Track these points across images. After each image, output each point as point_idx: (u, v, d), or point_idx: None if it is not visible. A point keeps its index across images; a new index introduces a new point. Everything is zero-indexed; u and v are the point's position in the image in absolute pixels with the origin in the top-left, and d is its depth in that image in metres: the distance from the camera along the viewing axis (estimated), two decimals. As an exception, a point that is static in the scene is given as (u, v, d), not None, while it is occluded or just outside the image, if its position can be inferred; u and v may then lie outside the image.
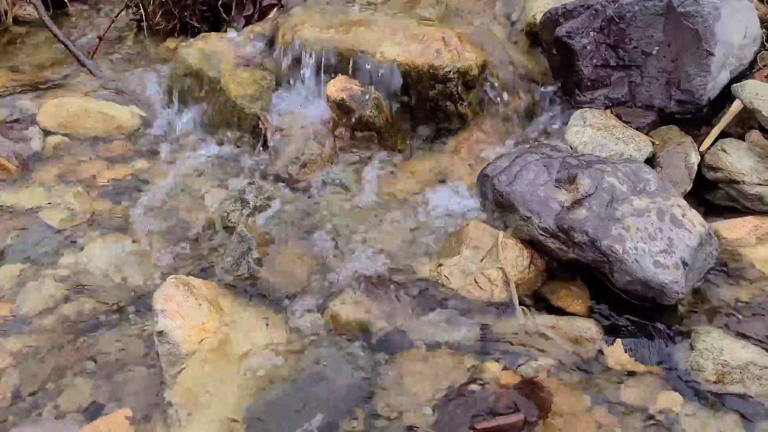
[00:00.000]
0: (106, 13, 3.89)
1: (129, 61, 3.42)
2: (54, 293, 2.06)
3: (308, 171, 2.47)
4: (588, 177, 1.99)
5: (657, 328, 1.88)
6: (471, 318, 1.92)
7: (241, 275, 2.08)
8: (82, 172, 2.60)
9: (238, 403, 1.71)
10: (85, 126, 2.81)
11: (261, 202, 2.32)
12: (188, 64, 2.85)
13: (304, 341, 1.88)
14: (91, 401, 1.75)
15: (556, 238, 1.97)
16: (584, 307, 1.95)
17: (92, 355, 1.87)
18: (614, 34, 2.40)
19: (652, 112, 2.41)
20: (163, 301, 1.84)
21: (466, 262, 2.03)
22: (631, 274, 1.84)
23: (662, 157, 2.27)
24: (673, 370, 1.78)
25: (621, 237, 1.87)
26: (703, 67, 2.29)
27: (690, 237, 1.89)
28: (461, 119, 2.60)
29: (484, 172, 2.21)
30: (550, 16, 2.55)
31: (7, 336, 1.91)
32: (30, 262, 2.17)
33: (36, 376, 1.81)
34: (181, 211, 2.41)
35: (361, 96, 2.48)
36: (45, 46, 3.59)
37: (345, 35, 2.65)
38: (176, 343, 1.79)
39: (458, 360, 1.80)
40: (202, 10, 3.44)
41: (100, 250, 2.22)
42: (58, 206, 2.40)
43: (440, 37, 2.54)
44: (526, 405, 1.67)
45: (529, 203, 2.02)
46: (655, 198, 1.96)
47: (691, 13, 2.26)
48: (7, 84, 3.18)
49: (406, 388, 1.73)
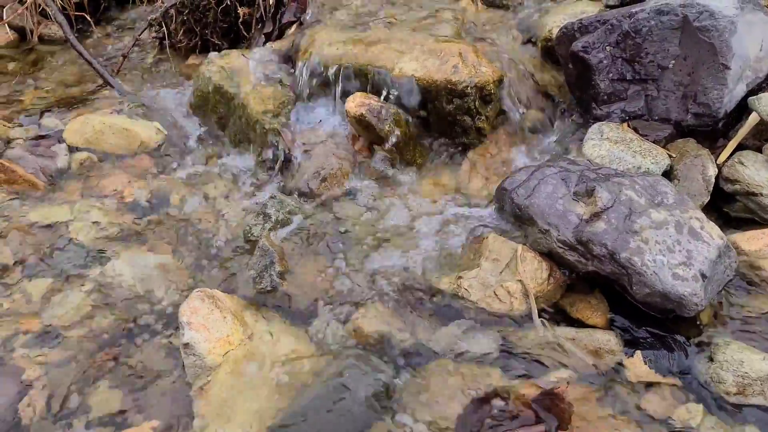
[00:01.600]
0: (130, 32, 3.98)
1: (152, 78, 3.49)
2: (82, 307, 2.11)
3: (328, 185, 2.51)
4: (606, 190, 2.02)
5: (676, 340, 1.89)
6: (491, 330, 1.94)
7: (264, 288, 2.12)
8: (107, 187, 2.66)
9: (262, 415, 1.74)
10: (109, 142, 2.87)
11: (282, 216, 2.36)
12: (210, 80, 2.91)
13: (326, 353, 1.91)
14: (118, 413, 1.79)
15: (575, 251, 1.99)
16: (603, 319, 1.97)
17: (119, 367, 1.91)
18: (630, 48, 2.43)
19: (668, 125, 2.43)
20: (188, 313, 1.89)
21: (486, 274, 2.05)
22: (650, 286, 1.85)
23: (679, 170, 2.28)
24: (693, 382, 1.79)
25: (640, 249, 1.88)
26: (719, 81, 2.31)
27: (709, 249, 1.91)
28: (479, 133, 2.63)
29: (502, 186, 2.24)
30: (567, 31, 2.57)
31: (37, 348, 1.96)
32: (58, 276, 2.22)
33: (65, 387, 1.85)
34: (204, 225, 2.45)
35: (380, 111, 2.52)
36: (70, 64, 3.67)
37: (363, 51, 2.69)
38: (202, 355, 1.83)
39: (479, 372, 1.82)
40: (223, 27, 3.50)
41: (125, 264, 2.26)
42: (85, 221, 2.45)
43: (457, 52, 2.57)
44: (546, 417, 1.69)
45: (548, 216, 2.04)
46: (674, 211, 1.98)
47: (707, 27, 2.28)
48: (33, 101, 3.26)
49: (427, 400, 1.76)
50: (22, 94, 3.36)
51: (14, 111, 3.15)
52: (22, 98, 3.32)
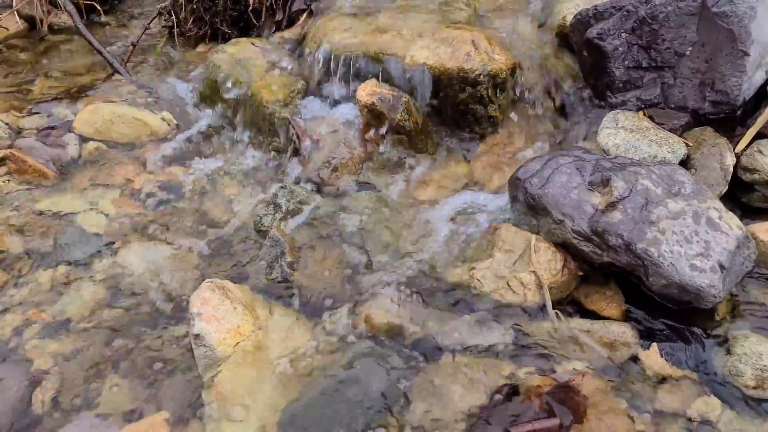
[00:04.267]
0: (140, 21, 3.96)
1: (161, 67, 3.47)
2: (92, 297, 2.10)
3: (339, 175, 2.49)
4: (622, 180, 1.98)
5: (693, 333, 1.86)
6: (504, 322, 1.91)
7: (274, 279, 2.10)
8: (117, 177, 2.65)
9: (273, 406, 1.73)
10: (119, 132, 2.86)
11: (293, 206, 2.34)
12: (220, 69, 2.89)
13: (337, 344, 1.89)
14: (129, 403, 1.78)
15: (590, 242, 1.96)
16: (619, 311, 1.93)
17: (130, 357, 1.90)
18: (646, 35, 2.38)
19: (685, 113, 2.38)
20: (199, 304, 1.88)
21: (499, 265, 2.03)
22: (666, 277, 1.82)
23: (697, 159, 2.24)
24: (711, 375, 1.76)
25: (656, 240, 1.85)
26: (738, 68, 2.26)
27: (727, 240, 1.87)
28: (491, 122, 2.59)
29: (516, 175, 2.21)
30: (581, 18, 2.53)
31: (48, 339, 1.95)
32: (69, 265, 2.22)
33: (76, 378, 1.85)
34: (215, 215, 2.44)
35: (392, 100, 2.49)
36: (79, 54, 3.66)
37: (374, 39, 2.66)
38: (212, 346, 1.82)
39: (492, 363, 1.79)
40: (233, 16, 3.48)
41: (136, 254, 2.26)
42: (95, 211, 2.45)
43: (470, 40, 2.53)
44: (560, 409, 1.66)
45: (562, 206, 2.01)
46: (691, 201, 1.94)
47: (726, 12, 2.23)
48: (44, 91, 3.25)
49: (440, 392, 1.74)
50: (32, 83, 3.35)
51: (25, 100, 3.14)
52: (32, 88, 3.31)
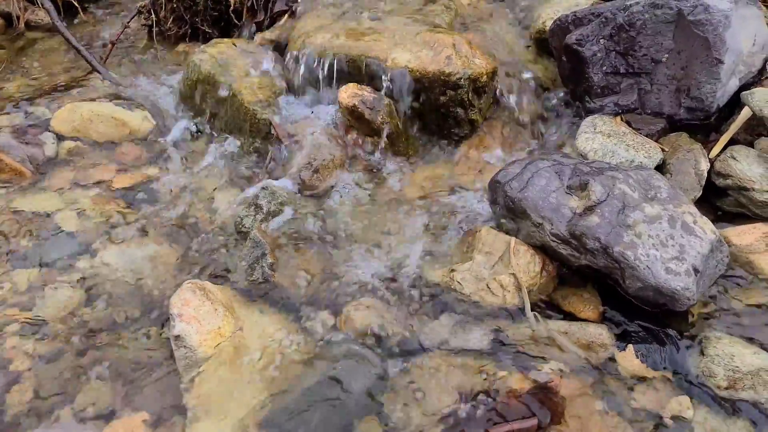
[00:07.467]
0: (119, 19, 3.92)
1: (141, 66, 3.44)
2: (70, 297, 2.08)
3: (320, 176, 2.50)
4: (600, 184, 2.01)
5: (668, 334, 1.90)
6: (484, 323, 1.93)
7: (255, 280, 2.10)
8: (95, 176, 2.63)
9: (253, 407, 1.72)
10: (97, 131, 2.84)
11: (274, 207, 2.34)
12: (200, 69, 2.87)
13: (318, 346, 1.89)
14: (108, 404, 1.77)
15: (568, 245, 1.99)
16: (596, 313, 1.97)
17: (109, 358, 1.89)
18: (624, 41, 2.42)
19: (661, 119, 2.43)
20: (179, 305, 1.87)
21: (479, 267, 2.05)
22: (642, 280, 1.86)
23: (672, 164, 2.29)
24: (685, 376, 1.80)
25: (633, 244, 1.88)
26: (712, 75, 2.31)
27: (701, 244, 1.91)
28: (471, 125, 2.62)
29: (496, 179, 2.23)
30: (560, 24, 2.56)
31: (25, 339, 1.93)
32: (46, 266, 2.19)
33: (54, 379, 1.83)
34: (195, 216, 2.43)
35: (373, 102, 2.50)
36: (58, 52, 3.62)
37: (356, 42, 2.67)
38: (193, 347, 1.82)
39: (471, 365, 1.81)
40: (214, 16, 3.46)
41: (115, 254, 2.24)
42: (73, 210, 2.43)
43: (451, 43, 2.56)
44: (539, 410, 1.69)
45: (541, 210, 2.04)
46: (667, 205, 1.98)
47: (701, 21, 2.28)
48: (21, 89, 3.21)
49: (419, 393, 1.75)
50: (9, 81, 3.31)
51: (1, 99, 3.10)
52: (8, 85, 3.26)
